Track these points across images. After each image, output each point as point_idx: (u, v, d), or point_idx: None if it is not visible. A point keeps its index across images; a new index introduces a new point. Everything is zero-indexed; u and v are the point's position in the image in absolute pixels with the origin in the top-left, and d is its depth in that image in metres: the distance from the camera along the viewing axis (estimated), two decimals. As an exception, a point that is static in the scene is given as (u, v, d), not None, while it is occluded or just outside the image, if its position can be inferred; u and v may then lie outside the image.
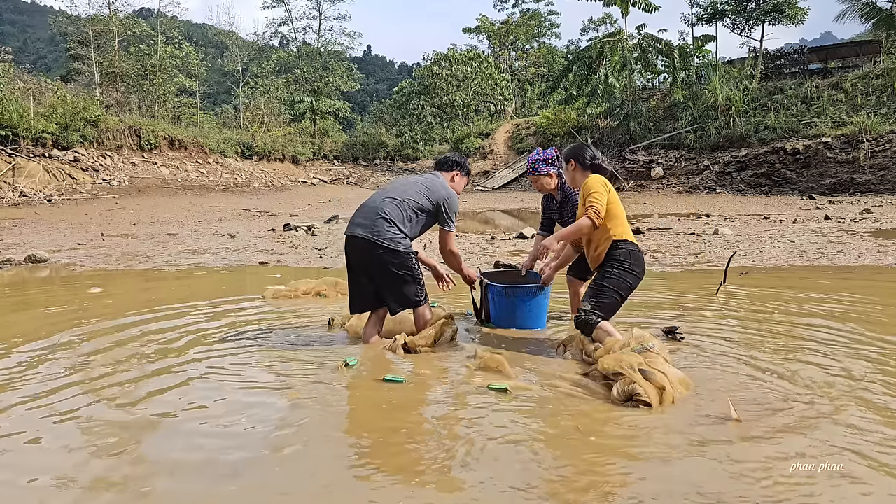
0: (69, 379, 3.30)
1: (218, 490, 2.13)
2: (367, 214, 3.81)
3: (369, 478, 2.20)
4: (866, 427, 2.57)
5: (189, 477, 2.23)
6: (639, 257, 3.68)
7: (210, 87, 44.85)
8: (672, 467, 2.25)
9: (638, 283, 3.68)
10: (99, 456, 2.39)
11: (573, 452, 2.40)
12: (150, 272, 7.49)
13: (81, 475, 2.24)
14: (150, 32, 33.22)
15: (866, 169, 20.70)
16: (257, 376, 3.37)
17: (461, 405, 2.93)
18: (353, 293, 3.94)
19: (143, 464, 2.34)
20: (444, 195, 3.92)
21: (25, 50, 64.14)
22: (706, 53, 29.13)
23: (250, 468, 2.27)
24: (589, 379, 3.17)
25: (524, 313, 4.25)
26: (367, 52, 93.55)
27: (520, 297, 4.23)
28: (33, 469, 2.29)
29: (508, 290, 4.23)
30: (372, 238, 3.71)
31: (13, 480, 2.21)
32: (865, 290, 5.61)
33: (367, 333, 3.98)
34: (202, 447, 2.46)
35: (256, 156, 32.30)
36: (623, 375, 2.87)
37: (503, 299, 4.27)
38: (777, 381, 3.15)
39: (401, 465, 2.30)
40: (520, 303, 4.23)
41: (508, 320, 4.29)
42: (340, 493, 2.10)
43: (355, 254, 3.83)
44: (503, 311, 4.30)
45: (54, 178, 20.52)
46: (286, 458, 2.35)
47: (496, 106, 40.50)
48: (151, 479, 2.21)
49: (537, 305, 4.26)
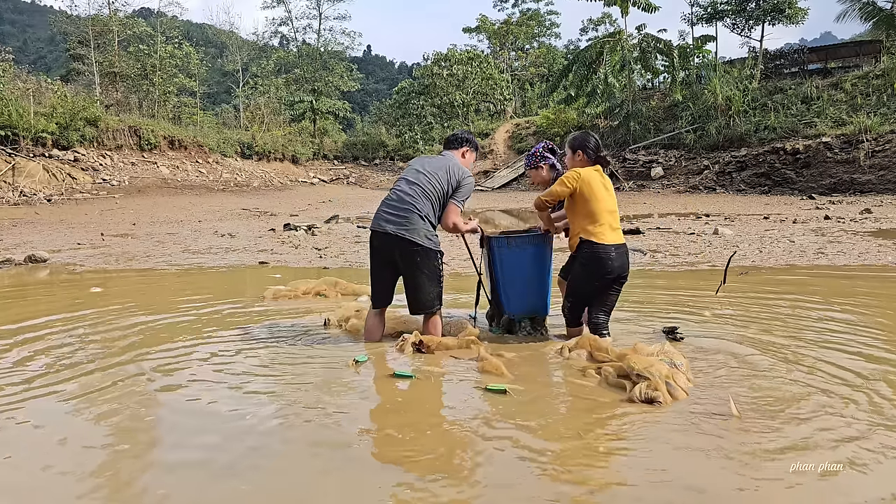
0: (65, 376, 3.30)
1: (217, 487, 2.13)
2: (397, 209, 3.77)
3: (370, 474, 2.20)
4: (868, 427, 2.57)
5: (189, 477, 2.23)
6: (598, 264, 3.67)
7: (210, 87, 44.83)
8: (672, 467, 2.25)
9: (595, 286, 3.72)
10: (101, 453, 2.40)
11: (573, 452, 2.40)
12: (149, 272, 7.49)
13: (78, 469, 2.24)
14: (149, 32, 33.18)
15: (866, 169, 20.69)
16: (258, 375, 3.37)
17: (461, 405, 2.93)
18: (379, 288, 3.93)
19: (144, 463, 2.34)
20: (463, 175, 3.88)
21: (25, 50, 64.13)
22: (706, 53, 29.13)
23: (251, 467, 2.28)
24: (596, 374, 3.21)
25: (530, 271, 4.03)
26: (367, 52, 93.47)
27: (522, 247, 4.05)
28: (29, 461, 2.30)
29: (510, 239, 4.10)
30: (407, 236, 3.68)
31: (12, 471, 2.22)
32: (866, 290, 5.61)
33: (370, 331, 3.97)
34: (202, 448, 2.46)
35: (256, 156, 32.28)
36: (648, 379, 2.92)
37: (505, 251, 4.07)
38: (777, 381, 3.15)
39: (400, 459, 2.31)
40: (523, 255, 4.03)
41: (514, 286, 4.06)
42: (341, 491, 2.10)
43: (385, 249, 3.79)
44: (508, 270, 4.07)
45: (54, 177, 20.51)
46: (285, 453, 2.35)
47: (496, 106, 40.48)
48: (151, 479, 2.22)
49: (541, 259, 4.06)
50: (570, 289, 3.88)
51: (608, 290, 3.75)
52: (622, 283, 3.79)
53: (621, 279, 3.75)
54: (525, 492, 2.08)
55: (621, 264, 3.70)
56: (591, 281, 3.72)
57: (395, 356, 3.67)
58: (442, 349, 3.74)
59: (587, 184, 3.71)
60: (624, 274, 3.74)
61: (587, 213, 3.70)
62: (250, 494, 2.09)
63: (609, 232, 3.71)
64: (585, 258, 3.71)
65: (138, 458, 2.39)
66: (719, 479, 2.16)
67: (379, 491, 2.09)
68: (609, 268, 3.66)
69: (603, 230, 3.69)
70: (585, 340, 3.61)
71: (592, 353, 3.51)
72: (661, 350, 3.27)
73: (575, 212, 3.77)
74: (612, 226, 3.74)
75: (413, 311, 3.89)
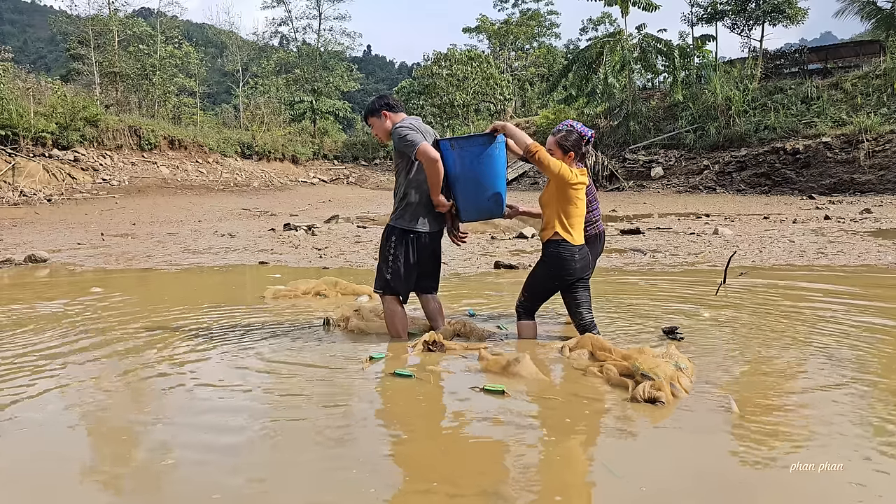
0: (66, 377, 3.30)
1: (217, 487, 2.13)
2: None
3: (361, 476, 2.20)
4: (868, 427, 2.57)
5: (189, 477, 2.23)
6: (561, 265, 3.69)
7: (210, 87, 44.80)
8: (672, 466, 2.26)
9: (555, 285, 3.78)
10: (102, 450, 2.40)
11: (572, 453, 2.40)
12: (150, 272, 7.49)
13: (81, 464, 2.24)
14: (149, 32, 33.17)
15: (866, 169, 20.71)
16: (258, 375, 3.37)
17: (458, 405, 2.93)
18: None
19: (143, 463, 2.34)
20: (395, 133, 3.75)
21: (25, 50, 64.06)
22: (706, 53, 29.13)
23: (251, 467, 2.28)
24: (598, 373, 3.22)
25: (480, 173, 3.83)
26: (367, 52, 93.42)
27: (467, 149, 3.84)
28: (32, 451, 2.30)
29: (455, 140, 3.90)
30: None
31: (16, 462, 2.22)
32: (866, 290, 5.61)
33: (400, 327, 4.01)
34: (202, 447, 2.46)
35: (256, 155, 32.27)
36: (652, 380, 2.94)
37: (450, 153, 3.83)
38: (777, 381, 3.15)
39: (395, 460, 2.30)
40: (469, 155, 3.82)
41: (465, 190, 3.87)
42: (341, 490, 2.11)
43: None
44: (459, 173, 3.83)
45: (54, 177, 20.51)
46: (282, 446, 2.35)
47: (496, 106, 40.48)
48: (151, 478, 2.22)
49: (490, 160, 3.85)
50: (528, 285, 3.89)
51: (570, 289, 3.78)
52: (585, 281, 3.83)
53: (582, 279, 3.80)
54: (525, 493, 2.08)
55: (583, 266, 3.76)
56: (552, 280, 3.78)
57: (409, 353, 3.69)
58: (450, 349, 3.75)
59: (581, 188, 3.74)
60: (585, 275, 3.80)
61: (571, 213, 3.73)
62: (249, 494, 2.09)
63: (578, 235, 3.78)
64: (549, 257, 3.76)
65: (136, 457, 2.39)
66: (719, 476, 2.16)
67: (372, 494, 2.09)
68: (571, 269, 3.71)
69: (575, 233, 3.75)
70: (587, 340, 3.62)
71: (594, 353, 3.51)
72: (666, 353, 3.29)
73: (555, 208, 3.75)
74: (581, 228, 3.81)
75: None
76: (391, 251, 3.87)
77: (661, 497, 2.04)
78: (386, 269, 3.88)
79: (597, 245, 4.31)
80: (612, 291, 5.80)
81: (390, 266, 3.86)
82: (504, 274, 6.98)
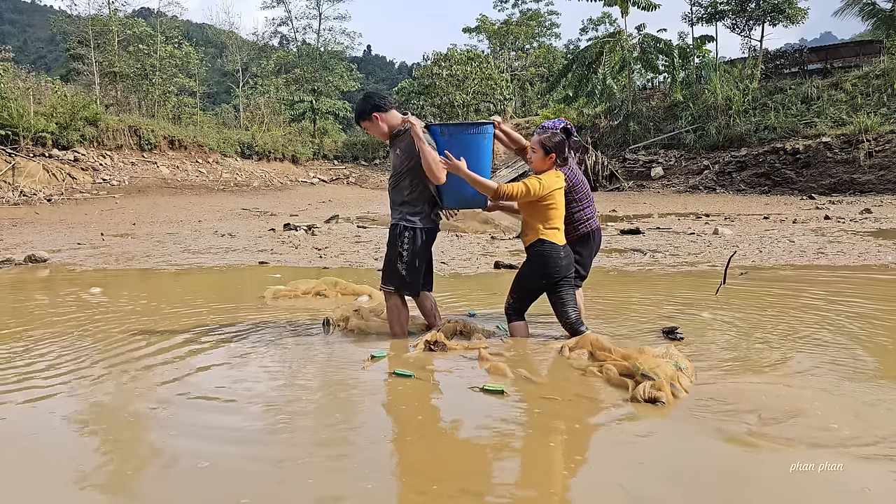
0: (66, 378, 3.30)
1: (217, 487, 2.13)
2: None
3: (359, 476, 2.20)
4: (868, 427, 2.57)
5: (189, 476, 2.23)
6: (548, 263, 3.77)
7: (210, 87, 44.76)
8: (672, 466, 2.26)
9: (542, 284, 3.84)
10: (105, 448, 2.40)
11: (572, 453, 2.40)
12: (150, 272, 7.49)
13: (83, 466, 2.24)
14: (149, 32, 33.14)
15: (866, 169, 20.71)
16: (257, 374, 3.37)
17: (455, 405, 2.93)
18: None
19: (141, 464, 2.34)
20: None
21: (25, 50, 64.04)
22: (706, 53, 29.12)
23: (250, 464, 2.28)
24: (598, 373, 3.23)
25: (466, 160, 3.75)
26: (367, 52, 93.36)
27: (456, 136, 3.88)
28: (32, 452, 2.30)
29: (445, 127, 3.97)
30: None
31: (18, 459, 2.22)
32: (867, 289, 5.61)
33: (403, 325, 4.06)
34: (200, 447, 2.46)
35: (256, 155, 32.26)
36: (652, 380, 2.95)
37: (440, 139, 3.87)
38: (777, 381, 3.15)
39: (393, 461, 2.30)
40: (457, 143, 3.83)
41: (450, 176, 3.82)
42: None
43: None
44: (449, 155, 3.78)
45: (54, 177, 20.50)
46: (280, 442, 2.35)
47: (496, 106, 40.44)
48: (151, 477, 2.22)
49: (477, 149, 3.88)
50: (516, 286, 3.95)
51: (556, 288, 3.83)
52: (570, 279, 3.90)
53: (566, 278, 3.87)
54: (525, 493, 2.08)
55: (567, 264, 3.86)
56: (539, 279, 3.84)
57: (405, 354, 3.68)
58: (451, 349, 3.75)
59: (557, 193, 3.80)
60: (568, 274, 3.88)
61: (552, 216, 3.80)
62: (248, 492, 2.09)
63: (560, 235, 3.86)
64: (535, 256, 3.82)
65: (135, 458, 2.39)
66: (718, 478, 2.16)
67: (367, 491, 2.09)
68: (557, 266, 3.78)
69: (559, 234, 3.84)
70: (587, 340, 3.63)
71: (594, 353, 3.51)
72: (666, 353, 3.30)
73: (534, 214, 3.83)
74: (562, 227, 3.90)
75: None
76: (405, 248, 3.90)
77: (659, 498, 2.04)
78: (401, 266, 3.91)
79: (591, 243, 4.33)
80: (613, 291, 5.80)
81: (405, 263, 3.91)
82: (504, 274, 6.97)
